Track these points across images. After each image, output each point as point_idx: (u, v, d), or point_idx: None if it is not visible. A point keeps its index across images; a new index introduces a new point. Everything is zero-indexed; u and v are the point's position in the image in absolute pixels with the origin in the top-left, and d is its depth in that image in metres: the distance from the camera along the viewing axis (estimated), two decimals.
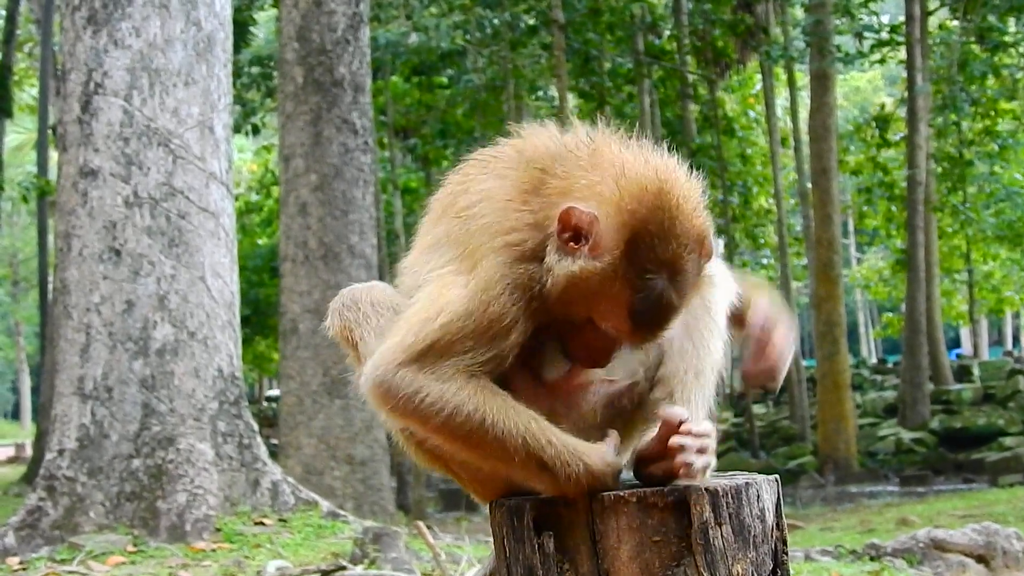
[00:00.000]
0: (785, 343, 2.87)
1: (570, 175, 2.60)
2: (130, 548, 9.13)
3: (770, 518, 2.63)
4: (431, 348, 2.53)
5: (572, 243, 2.53)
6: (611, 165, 2.57)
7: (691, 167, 2.66)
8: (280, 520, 10.03)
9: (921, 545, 10.03)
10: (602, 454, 2.54)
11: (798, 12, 36.46)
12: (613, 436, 2.62)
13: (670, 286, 2.53)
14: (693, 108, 37.51)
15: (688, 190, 2.59)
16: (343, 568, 8.25)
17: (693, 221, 2.56)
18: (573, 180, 2.58)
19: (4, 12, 35.26)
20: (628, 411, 2.76)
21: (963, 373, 39.08)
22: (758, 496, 2.61)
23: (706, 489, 2.52)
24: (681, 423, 2.52)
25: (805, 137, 33.62)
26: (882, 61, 35.83)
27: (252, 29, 34.55)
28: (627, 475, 2.66)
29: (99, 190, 10.16)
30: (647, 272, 2.51)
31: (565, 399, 2.70)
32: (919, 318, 32.75)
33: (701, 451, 2.51)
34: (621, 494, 2.53)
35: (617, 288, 2.52)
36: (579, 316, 2.59)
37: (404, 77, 34.08)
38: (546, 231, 2.56)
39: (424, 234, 2.85)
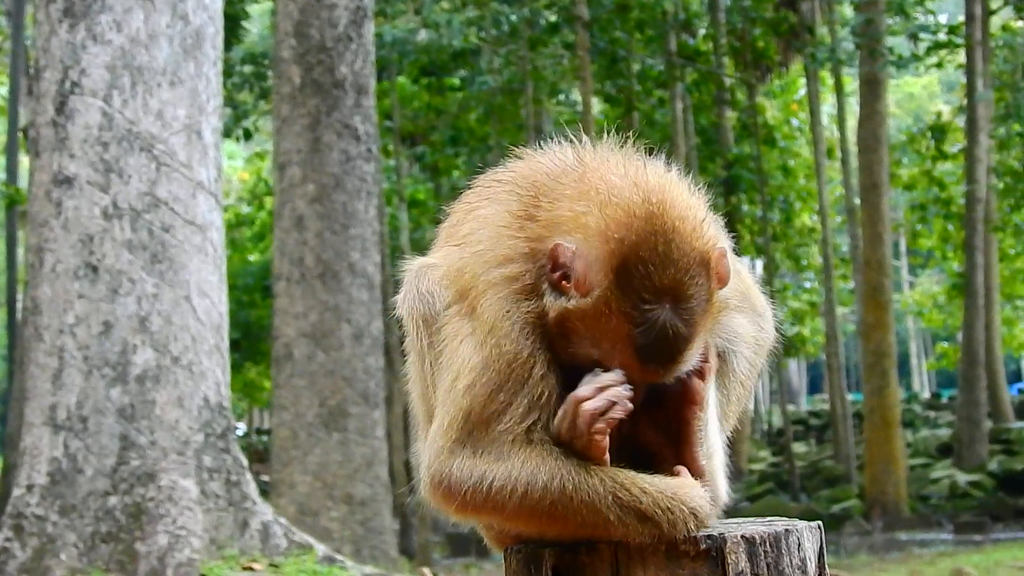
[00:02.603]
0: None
1: (557, 204, 2.63)
2: None
3: (812, 569, 2.62)
4: (469, 420, 2.55)
5: (564, 281, 2.55)
6: (597, 192, 2.59)
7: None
8: (271, 565, 10.02)
9: None
10: (699, 491, 2.55)
11: (847, 10, 36.48)
12: (684, 471, 2.61)
13: (674, 315, 2.52)
14: (730, 115, 37.51)
15: (687, 209, 2.60)
16: None
17: (693, 243, 2.56)
18: (560, 210, 2.61)
19: None
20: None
21: None
22: (799, 544, 2.59)
23: (742, 537, 2.50)
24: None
25: (853, 148, 33.62)
26: (939, 65, 35.80)
27: (245, 23, 34.67)
28: None
29: (75, 200, 10.17)
30: (644, 302, 2.51)
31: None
32: (977, 348, 32.69)
33: None
34: (648, 541, 2.52)
35: (615, 323, 2.52)
36: (585, 358, 2.58)
37: (412, 78, 34.18)
38: (539, 263, 2.59)
39: None
